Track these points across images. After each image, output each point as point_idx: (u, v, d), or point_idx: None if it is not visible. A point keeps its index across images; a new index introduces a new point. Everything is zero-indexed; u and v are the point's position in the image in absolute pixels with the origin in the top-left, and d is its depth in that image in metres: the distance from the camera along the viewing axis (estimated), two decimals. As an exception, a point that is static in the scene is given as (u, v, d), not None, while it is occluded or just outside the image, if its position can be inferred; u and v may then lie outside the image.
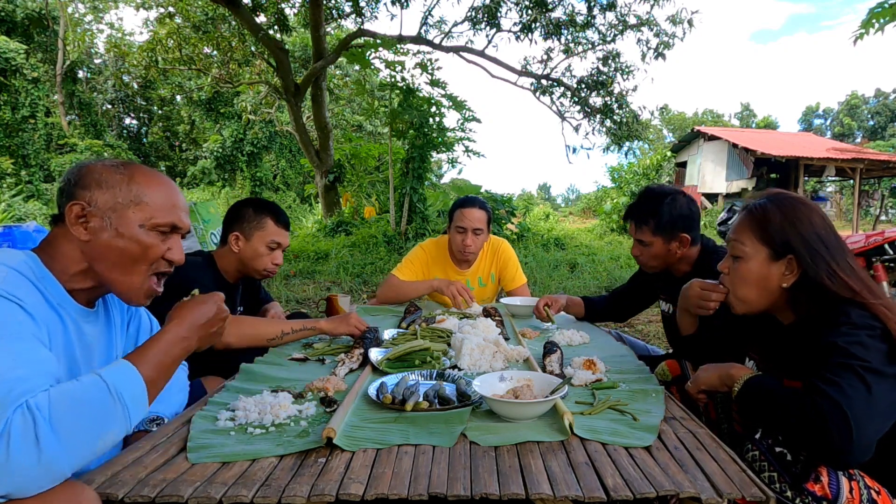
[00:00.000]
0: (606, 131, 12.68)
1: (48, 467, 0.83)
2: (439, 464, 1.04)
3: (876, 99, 42.91)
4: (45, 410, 0.84)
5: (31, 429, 0.82)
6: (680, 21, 11.11)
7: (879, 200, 18.42)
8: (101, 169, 1.13)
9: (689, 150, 19.38)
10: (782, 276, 1.28)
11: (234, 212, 2.09)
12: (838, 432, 1.00)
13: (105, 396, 0.92)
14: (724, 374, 1.30)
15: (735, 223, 1.38)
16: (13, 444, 0.80)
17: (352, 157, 12.78)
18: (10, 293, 0.96)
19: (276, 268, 2.11)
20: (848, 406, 1.01)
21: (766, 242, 1.28)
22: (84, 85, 21.70)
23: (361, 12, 11.37)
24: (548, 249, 10.30)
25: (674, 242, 1.98)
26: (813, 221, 1.26)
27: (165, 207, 1.15)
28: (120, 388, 0.94)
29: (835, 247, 1.25)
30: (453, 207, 2.85)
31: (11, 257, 1.04)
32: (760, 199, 1.35)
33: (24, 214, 11.48)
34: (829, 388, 1.04)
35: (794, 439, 1.08)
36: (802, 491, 1.04)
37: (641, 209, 2.02)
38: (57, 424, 0.84)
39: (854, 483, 1.07)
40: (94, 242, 1.10)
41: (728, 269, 1.38)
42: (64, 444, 0.84)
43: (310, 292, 6.58)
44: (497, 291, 3.13)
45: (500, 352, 1.71)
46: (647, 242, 2.01)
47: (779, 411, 1.11)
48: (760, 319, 1.41)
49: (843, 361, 1.08)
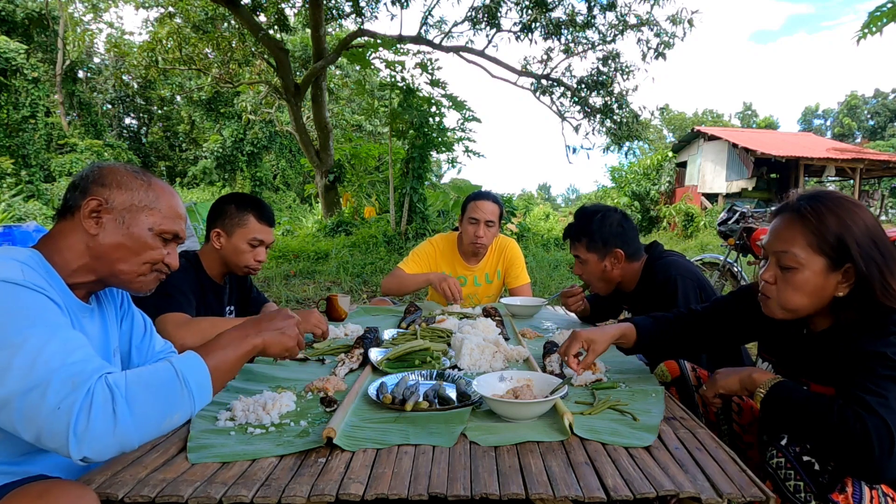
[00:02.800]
0: (606, 131, 12.68)
1: (120, 438, 0.92)
2: (439, 464, 1.04)
3: (876, 99, 42.93)
4: (123, 388, 0.93)
5: (109, 402, 0.91)
6: (680, 21, 11.11)
7: (879, 200, 18.36)
8: (123, 172, 1.20)
9: (689, 150, 19.38)
10: (838, 286, 1.19)
11: (217, 207, 2.03)
12: (880, 447, 0.97)
13: (173, 380, 1.00)
14: (745, 378, 1.25)
15: (780, 228, 1.25)
16: (94, 413, 0.89)
17: (352, 157, 12.78)
18: (37, 285, 1.00)
19: (259, 265, 2.05)
20: (892, 420, 0.98)
21: (823, 251, 1.18)
22: (84, 85, 21.70)
23: (361, 12, 11.36)
24: (548, 249, 10.31)
25: (608, 259, 2.06)
26: (867, 224, 1.18)
27: (172, 216, 1.23)
28: (186, 374, 1.02)
29: (888, 252, 1.16)
30: (467, 200, 2.94)
31: (18, 253, 1.06)
32: (807, 201, 1.23)
33: (24, 214, 11.49)
34: (874, 401, 1.00)
35: (827, 449, 1.03)
36: (827, 501, 1.02)
37: (574, 228, 2.13)
38: (132, 402, 0.93)
39: (874, 492, 1.05)
40: (102, 238, 1.15)
41: (774, 279, 1.25)
42: (136, 420, 0.93)
43: (310, 292, 6.58)
44: (501, 289, 3.15)
45: (500, 352, 1.71)
46: (584, 259, 2.11)
47: (811, 419, 1.06)
48: (781, 323, 1.33)
49: (890, 373, 1.03)
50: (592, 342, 1.45)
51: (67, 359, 0.93)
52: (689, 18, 11.06)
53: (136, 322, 1.39)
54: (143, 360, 1.37)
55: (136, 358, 1.36)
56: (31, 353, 0.90)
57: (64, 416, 0.87)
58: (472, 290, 3.03)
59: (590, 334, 1.47)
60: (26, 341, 0.91)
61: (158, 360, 1.39)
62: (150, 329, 1.42)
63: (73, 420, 0.87)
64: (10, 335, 0.91)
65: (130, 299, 1.39)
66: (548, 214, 17.26)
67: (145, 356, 1.38)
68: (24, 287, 0.97)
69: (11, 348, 0.90)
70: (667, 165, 19.18)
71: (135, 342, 1.36)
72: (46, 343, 0.93)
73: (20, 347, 0.90)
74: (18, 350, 0.90)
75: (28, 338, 0.91)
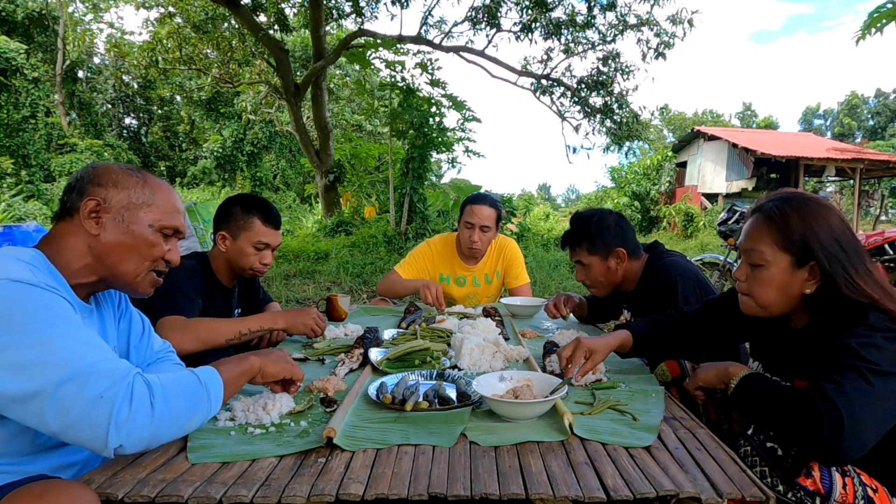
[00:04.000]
0: (606, 131, 12.68)
1: (156, 430, 0.98)
2: (439, 464, 1.04)
3: (876, 99, 42.92)
4: (158, 385, 1.00)
5: (147, 396, 0.97)
6: (680, 21, 11.12)
7: (879, 200, 18.40)
8: (118, 171, 1.21)
9: (689, 150, 19.37)
10: (804, 283, 1.23)
11: (223, 210, 2.01)
12: (829, 429, 1.00)
13: (197, 385, 1.09)
14: (721, 371, 1.30)
15: (749, 228, 1.31)
16: (135, 404, 0.94)
17: (352, 157, 12.78)
18: (49, 285, 1.02)
19: (265, 267, 2.02)
20: (844, 405, 1.01)
21: (788, 249, 1.23)
22: (84, 85, 21.70)
23: (361, 12, 11.37)
24: (548, 249, 10.31)
25: (611, 259, 2.05)
26: (832, 224, 1.21)
27: (171, 212, 1.25)
28: (207, 381, 1.11)
29: (853, 251, 1.20)
30: (464, 203, 2.94)
31: (23, 253, 1.07)
32: (775, 201, 1.28)
33: (24, 214, 11.48)
34: (830, 388, 1.04)
35: (786, 434, 1.08)
36: (794, 485, 1.05)
37: (572, 233, 2.12)
38: (168, 398, 1.00)
39: (848, 479, 1.07)
40: (103, 237, 1.16)
41: (745, 277, 1.31)
42: (171, 415, 1.00)
43: (310, 292, 6.58)
44: (501, 289, 3.15)
45: (500, 352, 1.71)
46: (586, 263, 2.09)
47: (773, 407, 1.11)
48: (765, 322, 1.38)
49: (851, 363, 1.07)
50: (593, 352, 1.48)
51: (100, 354, 0.98)
52: (689, 18, 11.09)
53: (133, 322, 1.38)
54: (141, 360, 1.37)
55: (134, 358, 1.36)
56: (64, 348, 0.94)
57: (107, 405, 0.91)
58: (471, 290, 3.03)
59: (592, 344, 1.50)
60: (56, 338, 0.94)
61: (158, 360, 1.40)
62: (147, 329, 1.42)
63: (116, 410, 0.91)
64: (37, 332, 0.94)
65: (129, 299, 1.39)
66: (548, 214, 17.28)
67: (144, 356, 1.38)
68: (38, 287, 0.99)
69: (41, 345, 0.93)
70: (667, 165, 19.19)
71: (133, 342, 1.36)
72: (76, 339, 0.96)
73: (51, 343, 0.93)
74: (50, 346, 0.93)
75: (56, 335, 0.95)
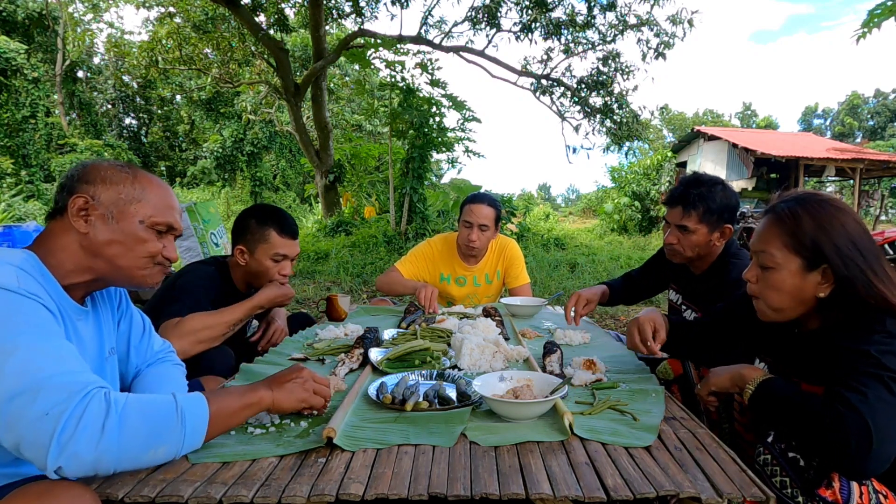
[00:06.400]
0: (606, 131, 12.67)
1: (101, 455, 0.89)
2: (439, 464, 1.04)
3: (876, 99, 42.93)
4: (120, 407, 0.93)
5: (101, 416, 0.90)
6: (680, 21, 11.10)
7: (879, 200, 18.41)
8: (107, 167, 1.19)
9: (689, 150, 19.36)
10: (818, 286, 1.20)
11: (239, 223, 2.00)
12: (857, 442, 0.97)
13: (171, 415, 0.99)
14: (735, 375, 1.26)
15: (761, 229, 1.28)
16: (83, 423, 0.88)
17: (352, 157, 12.78)
18: (31, 293, 0.99)
19: (285, 279, 2.01)
20: (870, 416, 0.98)
21: (798, 252, 1.20)
22: (84, 85, 21.69)
23: (361, 12, 11.36)
24: (548, 249, 10.31)
25: (716, 232, 1.93)
26: (846, 226, 1.18)
27: (163, 208, 1.21)
28: (186, 413, 1.00)
29: (871, 253, 1.16)
30: (464, 202, 2.94)
31: (13, 256, 1.05)
32: (787, 203, 1.25)
33: (24, 214, 11.47)
34: (854, 397, 1.01)
35: (810, 445, 1.04)
36: (814, 496, 1.02)
37: (692, 194, 1.92)
38: (123, 421, 0.92)
39: (864, 488, 1.05)
40: (93, 235, 1.14)
41: (756, 279, 1.28)
42: (121, 440, 0.91)
43: (310, 292, 6.58)
44: (501, 289, 3.16)
45: (500, 352, 1.71)
46: (692, 229, 1.92)
47: (795, 416, 1.07)
48: (776, 324, 1.34)
49: (872, 371, 1.04)
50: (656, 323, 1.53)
51: (61, 367, 0.92)
52: (689, 18, 11.06)
53: (134, 322, 1.38)
54: (141, 360, 1.37)
55: (134, 358, 1.36)
56: (23, 359, 0.90)
57: (51, 422, 0.86)
58: (471, 290, 3.03)
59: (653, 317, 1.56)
60: (17, 348, 0.90)
61: (158, 360, 1.39)
62: (148, 329, 1.42)
63: (61, 427, 0.86)
64: (2, 342, 0.90)
65: (129, 300, 1.39)
66: (548, 214, 17.26)
67: (144, 356, 1.38)
68: (17, 294, 0.96)
69: (2, 354, 0.89)
70: (667, 165, 19.16)
71: (133, 342, 1.36)
72: (39, 350, 0.92)
73: (11, 354, 0.90)
74: (9, 356, 0.89)
75: (19, 345, 0.91)
